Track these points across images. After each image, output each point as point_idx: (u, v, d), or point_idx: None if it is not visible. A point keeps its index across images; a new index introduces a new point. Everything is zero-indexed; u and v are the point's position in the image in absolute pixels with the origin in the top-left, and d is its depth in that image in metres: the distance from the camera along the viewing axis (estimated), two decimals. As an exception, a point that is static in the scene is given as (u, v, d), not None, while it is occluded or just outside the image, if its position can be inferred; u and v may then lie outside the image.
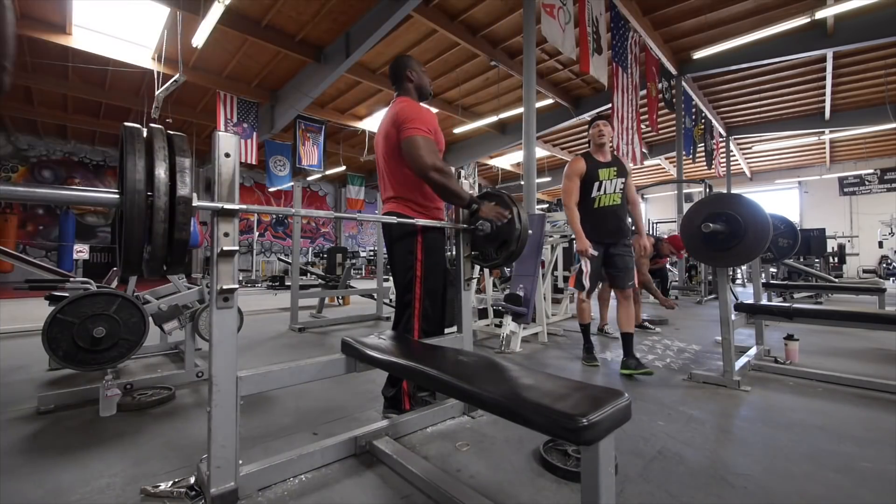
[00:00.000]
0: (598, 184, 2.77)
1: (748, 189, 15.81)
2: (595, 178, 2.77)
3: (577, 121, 10.30)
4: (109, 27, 6.63)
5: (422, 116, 1.84)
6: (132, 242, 1.00)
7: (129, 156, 1.00)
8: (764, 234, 2.26)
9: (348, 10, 6.42)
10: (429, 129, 1.84)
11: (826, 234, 7.82)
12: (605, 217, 2.77)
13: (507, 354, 3.25)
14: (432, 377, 1.20)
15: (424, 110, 1.90)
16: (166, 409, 2.10)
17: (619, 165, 2.82)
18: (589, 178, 2.78)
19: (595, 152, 2.83)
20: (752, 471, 1.48)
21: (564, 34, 5.08)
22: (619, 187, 2.78)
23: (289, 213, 1.42)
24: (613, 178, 2.77)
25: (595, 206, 2.78)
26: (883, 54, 7.90)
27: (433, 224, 1.88)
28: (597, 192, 2.77)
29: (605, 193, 2.77)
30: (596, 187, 2.77)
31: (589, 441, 0.82)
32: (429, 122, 1.85)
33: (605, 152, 2.82)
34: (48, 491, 1.36)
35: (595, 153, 2.83)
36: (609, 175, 2.77)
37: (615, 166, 2.80)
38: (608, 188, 2.77)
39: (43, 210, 11.01)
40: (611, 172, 2.77)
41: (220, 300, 1.21)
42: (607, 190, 2.77)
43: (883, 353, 3.20)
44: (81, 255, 5.60)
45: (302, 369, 1.49)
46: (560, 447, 1.59)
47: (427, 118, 1.86)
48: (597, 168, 2.77)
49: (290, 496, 1.33)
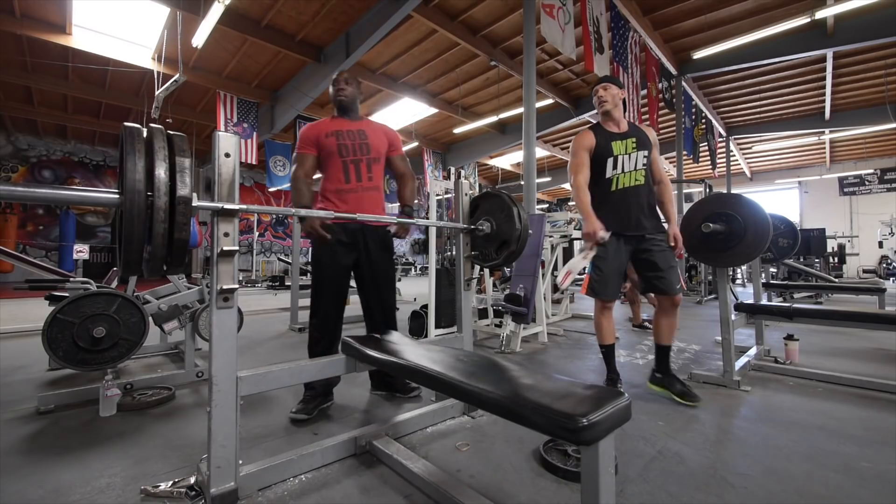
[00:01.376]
0: (613, 160, 2.19)
1: (748, 189, 15.81)
2: (608, 154, 2.20)
3: (577, 121, 10.30)
4: (109, 27, 6.63)
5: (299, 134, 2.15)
6: (132, 242, 1.00)
7: (129, 156, 1.00)
8: (764, 234, 2.26)
9: (348, 10, 6.42)
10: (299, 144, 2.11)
11: (826, 234, 7.81)
12: (628, 202, 2.18)
13: (507, 354, 3.25)
14: (432, 377, 1.20)
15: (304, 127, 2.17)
16: (166, 409, 2.10)
17: (638, 135, 2.24)
18: (600, 153, 2.21)
19: (605, 123, 2.28)
20: (752, 471, 1.48)
21: (564, 34, 5.08)
22: (641, 162, 2.20)
23: (289, 213, 1.42)
24: (633, 152, 2.19)
25: (612, 188, 2.20)
26: (883, 54, 7.90)
27: (436, 224, 1.91)
28: (613, 171, 2.20)
29: (624, 172, 2.20)
30: (611, 165, 2.20)
31: (589, 441, 0.82)
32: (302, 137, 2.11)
33: (616, 121, 2.26)
34: (48, 491, 1.36)
35: (605, 124, 2.28)
36: (626, 148, 2.20)
37: (633, 136, 2.22)
38: (627, 164, 2.19)
39: (43, 210, 11.00)
40: (628, 145, 2.20)
41: (220, 300, 1.21)
42: (626, 167, 2.19)
43: (883, 353, 3.20)
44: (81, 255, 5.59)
45: (302, 369, 1.49)
46: (560, 447, 1.59)
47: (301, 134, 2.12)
48: (609, 141, 2.21)
49: (290, 496, 1.33)
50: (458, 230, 1.99)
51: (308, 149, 2.09)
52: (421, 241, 19.79)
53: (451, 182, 4.09)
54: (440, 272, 3.63)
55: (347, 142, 2.07)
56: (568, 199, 20.00)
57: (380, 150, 2.14)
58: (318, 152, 2.08)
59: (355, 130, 2.11)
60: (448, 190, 4.08)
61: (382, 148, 2.16)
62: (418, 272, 17.52)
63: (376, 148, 2.12)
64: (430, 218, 3.93)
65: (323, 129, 2.09)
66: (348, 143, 2.07)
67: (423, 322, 3.65)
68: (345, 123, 2.13)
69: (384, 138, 2.18)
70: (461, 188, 1.99)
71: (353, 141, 2.08)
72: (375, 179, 2.11)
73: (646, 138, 2.25)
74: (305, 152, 2.08)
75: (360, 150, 2.08)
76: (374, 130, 2.17)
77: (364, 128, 2.14)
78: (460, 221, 1.97)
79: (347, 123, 2.13)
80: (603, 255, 2.18)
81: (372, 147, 2.11)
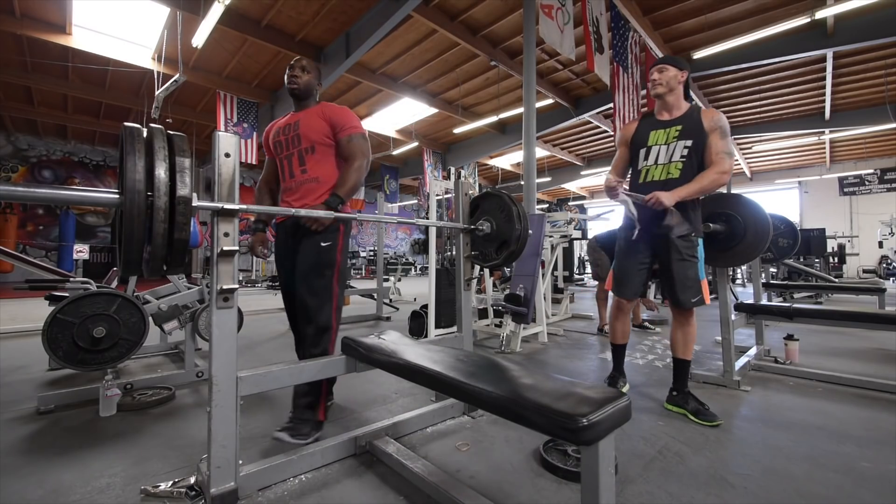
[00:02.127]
0: (646, 150, 2.05)
1: (748, 189, 15.80)
2: (642, 144, 2.07)
3: (577, 121, 10.29)
4: (109, 27, 6.62)
5: None
6: (132, 242, 1.00)
7: (129, 156, 1.00)
8: (764, 234, 2.26)
9: (348, 10, 6.41)
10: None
11: (826, 234, 7.81)
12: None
13: (507, 354, 3.25)
14: (432, 377, 1.20)
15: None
16: (166, 409, 2.10)
17: (687, 123, 1.98)
18: (636, 143, 2.10)
19: (658, 110, 2.11)
20: (752, 471, 1.48)
21: (563, 35, 5.08)
22: (679, 154, 1.96)
23: (289, 213, 1.42)
24: (673, 142, 1.98)
25: (640, 180, 2.09)
26: (883, 54, 7.89)
27: (436, 224, 1.89)
28: (644, 163, 2.07)
29: (657, 164, 2.03)
30: (643, 155, 2.06)
31: (589, 441, 0.82)
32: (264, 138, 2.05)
33: (670, 106, 2.06)
34: (48, 491, 1.36)
35: (658, 112, 2.10)
36: (665, 138, 2.00)
37: (680, 124, 1.99)
38: (662, 156, 2.00)
39: (43, 210, 11.00)
40: (669, 133, 1.99)
41: (220, 300, 1.21)
42: (660, 158, 2.01)
43: (883, 353, 3.20)
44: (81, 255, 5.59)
45: (302, 369, 1.49)
46: (560, 447, 1.59)
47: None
48: (649, 130, 2.07)
49: (290, 496, 1.33)
50: (458, 230, 1.99)
51: (268, 152, 2.03)
52: (421, 241, 19.80)
53: (451, 182, 4.09)
54: (440, 272, 3.63)
55: (281, 138, 1.94)
56: (568, 199, 20.02)
57: (311, 137, 1.87)
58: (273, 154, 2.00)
59: (292, 123, 1.92)
60: (448, 190, 4.08)
61: (315, 134, 1.87)
62: (418, 272, 17.52)
63: (307, 136, 1.87)
64: (430, 218, 3.93)
65: (272, 128, 2.00)
66: (282, 140, 1.93)
67: (423, 322, 3.65)
68: (290, 118, 1.98)
69: (320, 123, 1.89)
70: (461, 188, 1.98)
71: (286, 136, 1.92)
72: (311, 171, 1.86)
73: (696, 125, 1.96)
74: (267, 156, 2.04)
75: (292, 144, 1.90)
76: (310, 116, 1.91)
77: (300, 117, 1.92)
78: (460, 221, 1.97)
79: (292, 117, 1.97)
80: (623, 247, 2.12)
81: (302, 137, 1.88)
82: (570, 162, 14.96)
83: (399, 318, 4.96)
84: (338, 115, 1.91)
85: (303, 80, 1.94)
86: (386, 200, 12.80)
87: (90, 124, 10.32)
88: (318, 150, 1.88)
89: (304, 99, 1.98)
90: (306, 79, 1.95)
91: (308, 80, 1.95)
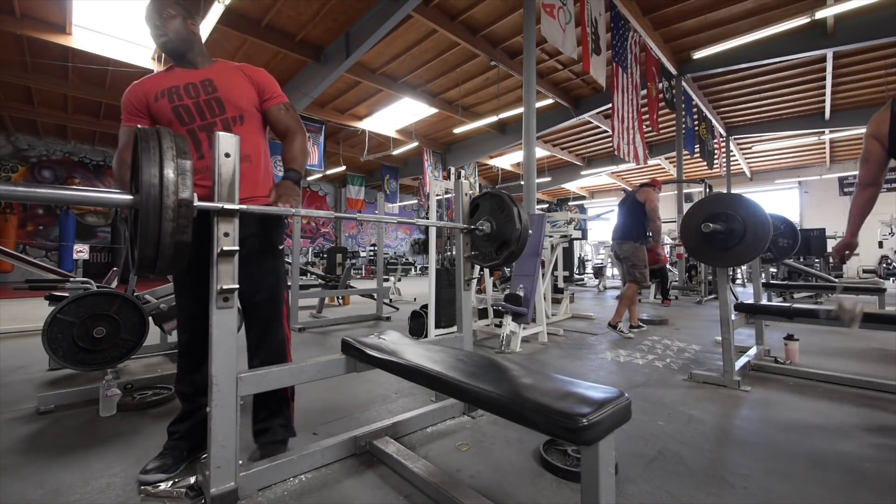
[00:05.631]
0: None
1: (748, 189, 15.80)
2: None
3: (577, 121, 10.30)
4: (109, 27, 6.62)
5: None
6: (147, 242, 1.01)
7: (145, 156, 1.01)
8: (764, 234, 2.26)
9: (348, 10, 6.41)
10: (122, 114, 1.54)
11: (826, 234, 7.81)
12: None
13: (507, 354, 3.25)
14: (432, 377, 1.20)
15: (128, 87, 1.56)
16: (166, 409, 2.10)
17: None
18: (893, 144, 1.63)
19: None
20: (752, 471, 1.48)
21: (565, 34, 5.08)
22: None
23: (289, 213, 1.42)
24: None
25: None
26: (883, 54, 7.90)
27: (436, 224, 1.88)
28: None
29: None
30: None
31: (589, 441, 0.82)
32: (123, 103, 1.55)
33: None
34: (48, 491, 1.36)
35: None
36: None
37: None
38: None
39: (43, 210, 11.00)
40: None
41: (220, 300, 1.21)
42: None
43: (883, 353, 3.20)
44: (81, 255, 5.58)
45: (302, 369, 1.49)
46: (560, 447, 1.59)
47: (123, 100, 1.55)
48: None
49: (290, 496, 1.33)
50: (458, 230, 1.99)
51: (135, 119, 1.49)
52: (421, 241, 19.80)
53: (450, 182, 4.09)
54: (440, 272, 3.63)
55: (187, 101, 1.46)
56: (568, 199, 20.00)
57: (239, 104, 1.51)
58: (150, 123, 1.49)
59: (198, 83, 1.48)
60: (448, 190, 4.08)
61: (244, 101, 1.52)
62: (418, 272, 17.52)
63: (232, 102, 1.50)
64: (430, 218, 3.93)
65: (152, 89, 1.48)
66: (189, 103, 1.46)
67: (423, 322, 3.65)
68: (181, 75, 1.50)
69: (245, 84, 1.54)
70: (461, 188, 1.98)
71: (195, 98, 1.47)
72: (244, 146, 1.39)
73: None
74: (126, 125, 1.49)
75: (208, 111, 1.47)
76: (229, 76, 1.53)
77: (210, 76, 1.51)
78: (460, 221, 1.97)
79: (184, 75, 1.51)
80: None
81: (225, 102, 1.49)
82: (570, 162, 14.97)
83: (399, 318, 4.96)
84: (265, 78, 1.59)
85: (171, 27, 1.48)
86: (386, 200, 12.80)
87: (90, 124, 10.32)
88: (248, 121, 1.53)
89: (187, 51, 1.53)
90: (176, 25, 1.48)
91: (180, 27, 1.49)
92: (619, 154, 6.73)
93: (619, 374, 2.70)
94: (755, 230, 2.28)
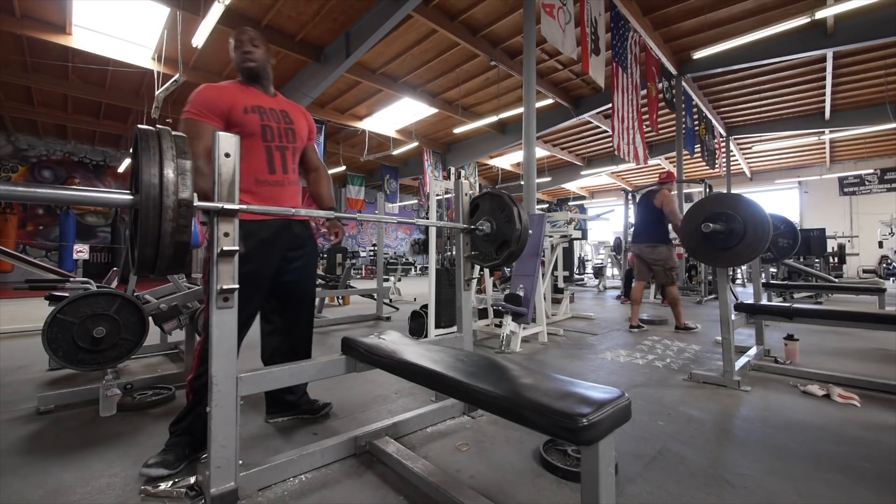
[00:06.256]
0: None
1: (748, 189, 15.80)
2: None
3: (577, 121, 10.29)
4: (109, 27, 6.62)
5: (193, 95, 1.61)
6: (147, 242, 1.01)
7: (145, 156, 1.01)
8: (764, 234, 2.26)
9: (348, 10, 6.41)
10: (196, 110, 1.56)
11: (826, 234, 7.82)
12: None
13: (507, 354, 3.25)
14: (432, 377, 1.20)
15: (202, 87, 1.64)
16: (166, 409, 2.10)
17: None
18: None
19: None
20: (752, 471, 1.48)
21: (565, 34, 5.08)
22: None
23: (289, 213, 1.42)
24: None
25: None
26: (883, 54, 7.90)
27: (436, 224, 1.89)
28: None
29: None
30: None
31: (589, 441, 0.82)
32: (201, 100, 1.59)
33: None
34: (48, 491, 1.36)
35: None
36: None
37: None
38: None
39: (43, 210, 11.00)
40: None
41: (219, 300, 1.21)
42: None
43: (883, 353, 3.20)
44: (81, 255, 5.59)
45: (302, 369, 1.49)
46: (560, 447, 1.59)
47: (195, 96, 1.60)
48: None
49: (290, 496, 1.33)
50: (458, 230, 1.99)
51: (211, 119, 1.57)
52: (421, 241, 19.80)
53: (450, 182, 4.09)
54: (440, 272, 3.63)
55: (273, 123, 1.69)
56: (568, 199, 20.01)
57: (304, 138, 1.82)
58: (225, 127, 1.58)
59: (278, 111, 1.73)
60: (448, 190, 4.08)
61: (302, 138, 1.82)
62: (418, 272, 17.52)
63: (301, 136, 1.79)
64: (430, 218, 3.93)
65: (239, 101, 1.62)
66: (273, 126, 1.69)
67: (423, 322, 3.65)
68: (263, 98, 1.72)
69: (306, 125, 1.84)
70: (461, 188, 1.98)
71: (278, 123, 1.71)
72: (295, 173, 1.80)
73: None
74: (207, 122, 1.56)
75: (286, 137, 1.72)
76: (296, 113, 1.81)
77: (286, 108, 1.77)
78: (460, 221, 1.97)
79: (266, 99, 1.73)
80: None
81: (297, 134, 1.77)
82: (570, 162, 14.97)
83: (399, 318, 4.96)
84: (312, 122, 1.90)
85: (258, 54, 1.70)
86: (386, 200, 12.80)
87: (90, 124, 10.32)
88: (299, 153, 1.83)
89: (264, 79, 1.76)
90: (261, 52, 1.72)
91: (263, 55, 1.73)
92: (620, 154, 6.73)
93: (620, 374, 2.70)
94: (755, 230, 2.28)
